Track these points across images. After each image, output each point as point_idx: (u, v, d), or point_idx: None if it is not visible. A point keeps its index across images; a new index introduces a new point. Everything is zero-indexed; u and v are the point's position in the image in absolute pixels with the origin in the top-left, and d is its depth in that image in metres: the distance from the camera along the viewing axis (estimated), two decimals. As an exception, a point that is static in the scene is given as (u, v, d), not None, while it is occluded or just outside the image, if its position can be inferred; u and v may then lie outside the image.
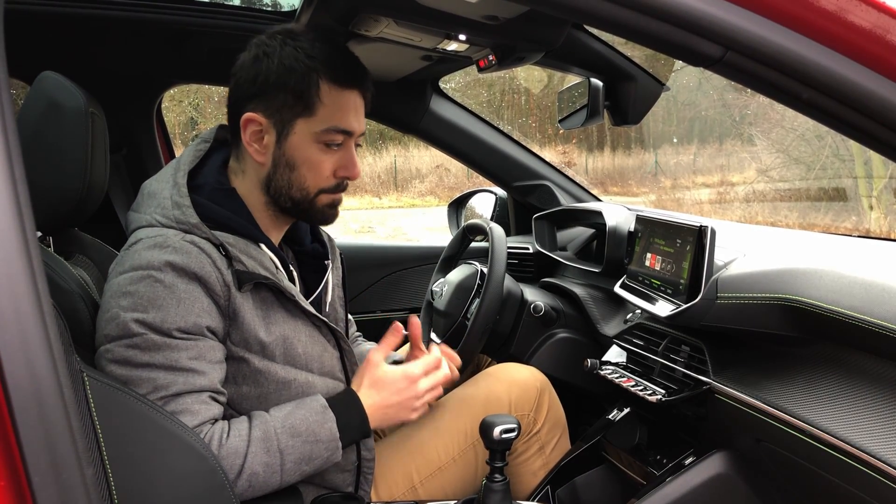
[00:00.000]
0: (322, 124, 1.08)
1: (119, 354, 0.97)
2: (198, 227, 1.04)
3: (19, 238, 0.55)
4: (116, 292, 1.00)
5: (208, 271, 1.01)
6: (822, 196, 10.85)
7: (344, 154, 1.12)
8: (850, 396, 0.97)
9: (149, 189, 1.09)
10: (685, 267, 1.25)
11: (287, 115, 1.07)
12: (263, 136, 1.09)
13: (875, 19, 0.72)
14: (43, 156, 1.02)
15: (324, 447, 1.06)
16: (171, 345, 0.98)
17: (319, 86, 1.07)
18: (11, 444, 0.55)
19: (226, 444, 0.99)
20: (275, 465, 1.02)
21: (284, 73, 1.06)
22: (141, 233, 1.05)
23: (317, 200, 1.13)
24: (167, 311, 0.98)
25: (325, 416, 1.06)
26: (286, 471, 1.03)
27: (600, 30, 1.04)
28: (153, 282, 0.99)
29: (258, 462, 1.00)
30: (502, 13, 1.24)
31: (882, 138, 0.77)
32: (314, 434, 1.05)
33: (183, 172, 1.08)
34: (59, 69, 1.08)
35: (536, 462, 1.43)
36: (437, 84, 2.04)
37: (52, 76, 1.06)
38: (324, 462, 1.07)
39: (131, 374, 0.97)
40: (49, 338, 0.56)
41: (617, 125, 1.78)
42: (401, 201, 16.56)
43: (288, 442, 1.03)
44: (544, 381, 1.45)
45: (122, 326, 0.97)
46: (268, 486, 1.03)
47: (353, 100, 1.11)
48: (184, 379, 0.98)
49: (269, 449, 1.02)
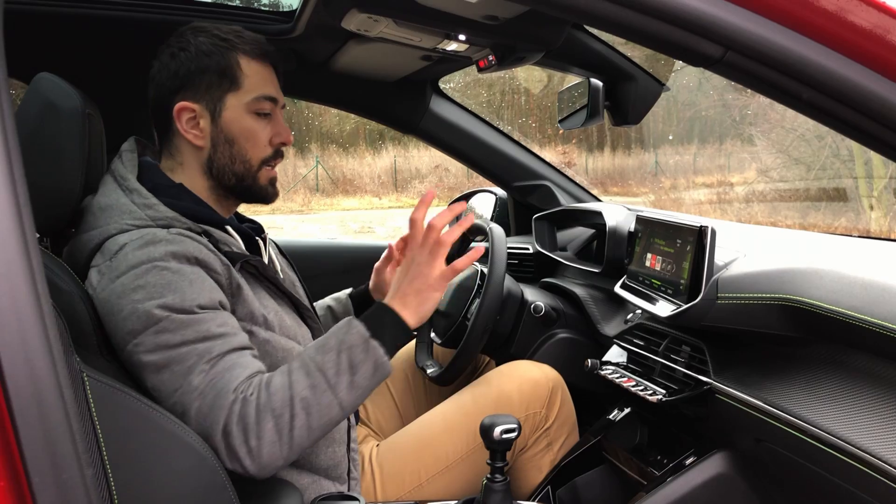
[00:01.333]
0: (250, 94, 1.14)
1: (151, 343, 0.98)
2: (176, 219, 1.07)
3: (19, 238, 0.55)
4: (124, 292, 0.99)
5: (206, 254, 1.05)
6: (822, 196, 10.85)
7: (275, 122, 1.18)
8: (851, 396, 0.97)
9: (98, 205, 1.08)
10: (685, 267, 1.25)
11: (216, 93, 1.13)
12: (199, 121, 1.14)
13: (875, 19, 0.72)
14: (40, 157, 1.02)
15: (360, 350, 1.04)
16: (196, 319, 1.00)
17: (239, 61, 1.13)
18: (11, 444, 0.55)
19: (271, 384, 1.00)
20: (320, 384, 1.01)
21: (203, 57, 1.12)
22: (119, 238, 1.04)
23: (259, 176, 1.18)
24: (183, 292, 1.00)
25: (351, 324, 1.07)
26: (335, 386, 1.02)
27: (600, 30, 1.04)
28: (160, 270, 1.00)
29: (302, 386, 1.00)
30: (502, 13, 1.24)
31: (882, 138, 0.77)
32: (344, 342, 1.04)
33: (132, 180, 1.10)
34: (59, 69, 1.08)
35: (544, 458, 1.44)
36: (436, 84, 2.04)
37: (49, 77, 1.06)
38: (372, 368, 1.04)
39: (170, 355, 0.98)
40: (49, 338, 0.56)
41: (617, 125, 1.78)
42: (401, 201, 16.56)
43: (322, 358, 1.03)
44: (557, 379, 1.46)
45: (146, 316, 0.98)
46: (327, 411, 1.01)
47: (270, 72, 1.18)
48: (221, 342, 1.01)
49: (309, 371, 1.02)
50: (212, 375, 0.99)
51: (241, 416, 0.97)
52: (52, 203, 1.05)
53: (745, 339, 1.24)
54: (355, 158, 18.62)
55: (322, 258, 2.19)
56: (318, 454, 1.18)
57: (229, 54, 1.13)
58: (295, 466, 1.16)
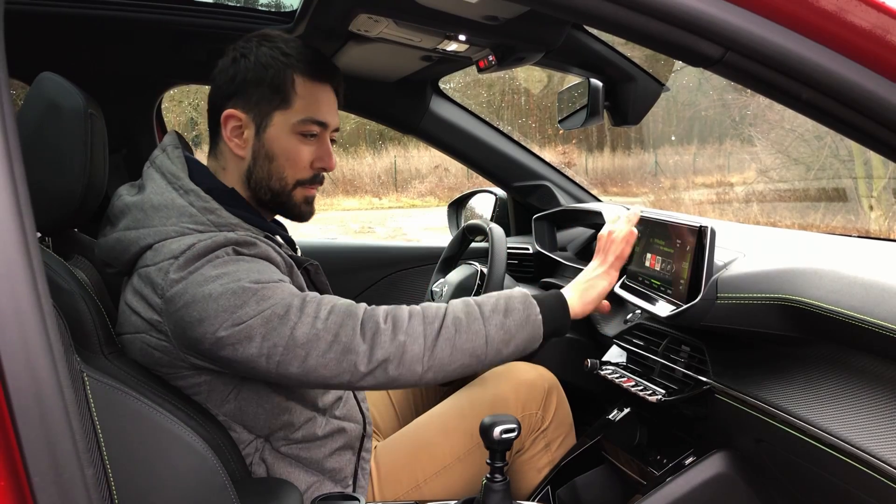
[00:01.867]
0: (298, 115, 1.14)
1: (252, 310, 0.98)
2: (239, 225, 1.09)
3: (19, 238, 0.55)
4: (205, 280, 0.99)
5: (273, 255, 1.08)
6: (821, 196, 10.85)
7: (320, 146, 1.18)
8: (851, 396, 0.97)
9: (150, 203, 1.07)
10: (685, 267, 1.25)
11: (265, 108, 1.13)
12: (243, 131, 1.14)
13: (875, 19, 0.72)
14: (42, 157, 1.02)
15: (518, 301, 1.10)
16: (284, 285, 1.03)
17: (294, 79, 1.13)
18: (11, 444, 0.55)
19: (422, 304, 1.07)
20: (473, 311, 1.07)
21: (261, 69, 1.12)
22: (184, 240, 1.03)
23: (294, 194, 1.18)
24: (264, 272, 1.03)
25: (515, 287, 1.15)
26: (487, 319, 1.07)
27: (600, 30, 1.04)
28: (236, 259, 1.02)
29: (458, 308, 1.07)
30: (502, 13, 1.24)
31: (882, 138, 0.77)
32: (505, 293, 1.12)
33: (187, 180, 1.09)
34: (59, 69, 1.08)
35: (542, 459, 1.44)
36: (436, 84, 2.04)
37: (51, 77, 1.06)
38: (524, 318, 1.09)
39: (273, 308, 0.99)
40: (49, 338, 0.56)
41: (617, 125, 1.78)
42: (401, 202, 16.55)
43: (480, 299, 1.10)
44: (553, 380, 1.46)
45: (241, 291, 0.98)
46: (474, 337, 1.05)
47: (326, 94, 1.17)
48: (315, 294, 1.04)
49: (466, 301, 1.09)
50: (326, 303, 1.02)
51: (392, 314, 1.03)
52: (54, 203, 1.04)
53: (745, 339, 1.24)
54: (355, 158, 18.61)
55: (322, 258, 2.19)
56: (326, 457, 1.18)
57: (286, 71, 1.12)
58: (302, 465, 1.16)
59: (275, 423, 1.13)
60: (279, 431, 1.14)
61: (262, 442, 1.14)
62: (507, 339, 1.08)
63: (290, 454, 1.15)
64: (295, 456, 1.16)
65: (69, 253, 1.18)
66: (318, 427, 1.17)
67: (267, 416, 1.12)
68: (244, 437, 1.12)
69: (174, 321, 1.00)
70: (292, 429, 1.15)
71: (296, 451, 1.16)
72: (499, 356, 1.08)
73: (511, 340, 1.08)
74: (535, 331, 1.10)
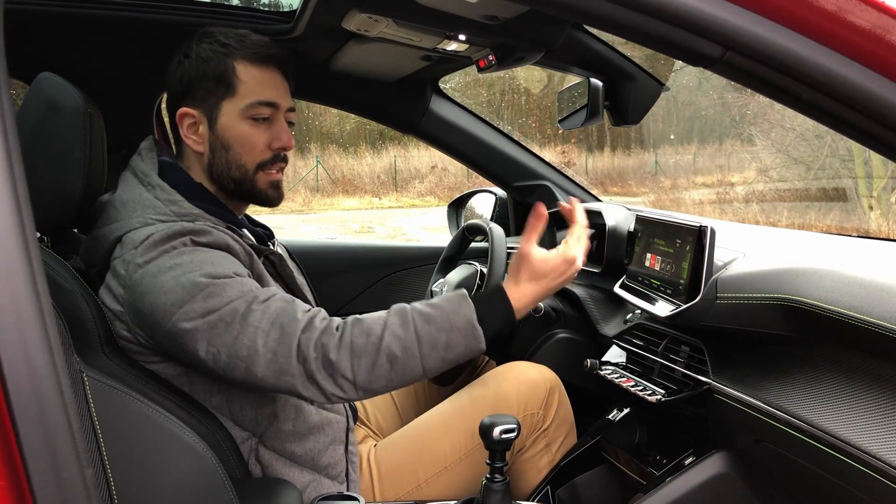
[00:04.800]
0: (245, 100, 1.15)
1: (200, 308, 1.00)
2: (200, 215, 1.11)
3: (19, 238, 0.55)
4: (159, 271, 1.01)
5: (232, 243, 1.09)
6: (821, 196, 10.85)
7: (275, 127, 1.19)
8: (850, 396, 0.97)
9: (119, 200, 1.11)
10: (685, 267, 1.25)
11: (212, 100, 1.16)
12: (198, 127, 1.17)
13: (875, 19, 0.72)
14: (41, 156, 1.02)
15: (461, 335, 1.08)
16: (238, 281, 1.04)
17: (235, 67, 1.15)
18: (11, 444, 0.55)
19: (363, 323, 1.05)
20: (412, 348, 1.04)
21: (203, 64, 1.15)
22: (144, 230, 1.06)
23: (256, 179, 1.19)
24: (218, 264, 1.04)
25: (462, 304, 1.09)
26: (426, 356, 1.05)
27: (600, 30, 1.04)
28: (192, 250, 1.04)
29: (396, 345, 1.03)
30: (502, 13, 1.24)
31: (882, 138, 0.77)
32: (450, 321, 1.07)
33: (154, 176, 1.13)
34: (59, 69, 1.08)
35: (543, 459, 1.44)
36: (437, 84, 2.04)
37: (50, 77, 1.06)
38: (465, 352, 1.09)
39: (221, 313, 1.00)
40: (49, 338, 0.56)
41: (617, 125, 1.78)
42: (400, 201, 16.56)
43: (424, 327, 1.06)
44: (554, 380, 1.46)
45: (191, 285, 1.00)
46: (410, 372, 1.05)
47: (273, 76, 1.18)
48: (264, 292, 1.05)
49: (406, 331, 1.05)
50: (270, 313, 1.02)
51: (321, 342, 1.01)
52: (53, 202, 1.05)
53: (745, 338, 1.24)
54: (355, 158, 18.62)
55: (322, 258, 2.19)
56: (319, 452, 1.19)
57: (226, 60, 1.15)
58: (296, 463, 1.17)
59: (262, 415, 1.14)
60: (269, 426, 1.15)
61: (256, 441, 1.15)
62: (446, 367, 1.09)
63: (285, 452, 1.16)
64: (290, 454, 1.16)
65: (69, 252, 1.18)
66: (306, 418, 1.18)
67: (253, 407, 1.14)
68: (237, 433, 1.13)
69: (132, 310, 1.04)
70: (280, 421, 1.16)
71: (289, 447, 1.16)
72: (433, 374, 1.10)
73: (449, 366, 1.09)
74: (475, 354, 1.11)
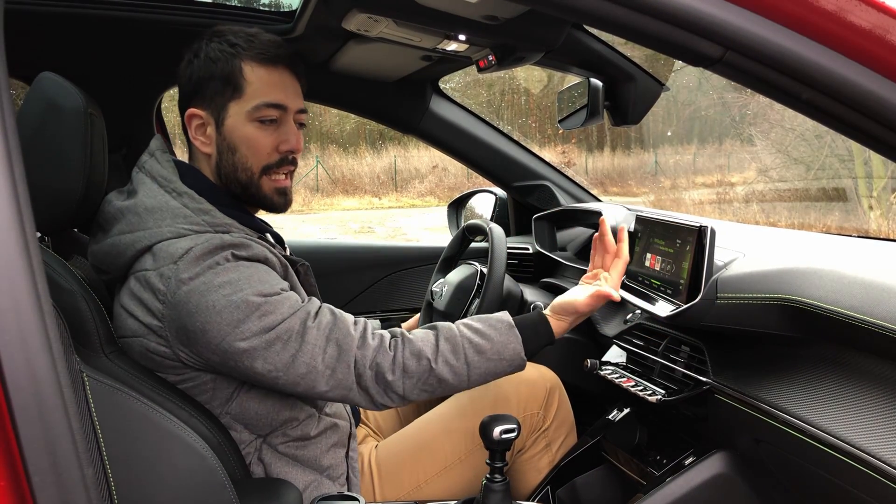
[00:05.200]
0: (252, 102, 1.13)
1: (256, 327, 1.01)
2: (234, 226, 1.10)
3: (19, 238, 0.55)
4: (208, 289, 1.01)
5: (269, 256, 1.09)
6: (821, 196, 10.85)
7: (282, 129, 1.16)
8: (850, 397, 0.97)
9: (143, 206, 1.08)
10: (685, 267, 1.25)
11: (219, 101, 1.14)
12: (206, 128, 1.15)
13: (875, 19, 0.72)
14: (42, 156, 1.02)
15: (507, 364, 1.17)
16: (286, 297, 1.06)
17: (242, 67, 1.13)
18: (11, 444, 0.55)
19: (410, 344, 1.11)
20: (461, 373, 1.13)
21: (210, 64, 1.13)
22: (180, 243, 1.04)
23: (262, 184, 1.17)
24: (265, 281, 1.05)
25: (511, 334, 1.17)
26: (471, 381, 1.14)
27: (600, 30, 1.04)
28: (236, 267, 1.04)
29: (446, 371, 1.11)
30: (502, 13, 1.24)
31: (882, 138, 0.77)
32: (500, 353, 1.15)
33: (178, 182, 1.11)
34: (59, 69, 1.08)
35: (543, 459, 1.44)
36: (436, 84, 2.04)
37: (51, 77, 1.06)
38: (507, 373, 1.18)
39: (277, 332, 1.03)
40: (49, 338, 0.56)
41: (617, 125, 1.78)
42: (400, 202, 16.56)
43: (473, 357, 1.14)
44: (555, 380, 1.46)
45: (245, 305, 1.01)
46: (451, 390, 1.14)
47: (282, 77, 1.16)
48: (309, 304, 1.08)
49: (458, 359, 1.13)
50: (323, 328, 1.06)
51: (376, 361, 1.07)
52: (54, 202, 1.04)
53: (745, 339, 1.24)
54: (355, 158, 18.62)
55: (322, 258, 2.19)
56: (322, 454, 1.19)
57: (233, 61, 1.12)
58: (299, 463, 1.17)
59: (276, 421, 1.14)
60: (279, 429, 1.15)
61: (260, 441, 1.14)
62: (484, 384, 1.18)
63: (288, 453, 1.16)
64: (292, 455, 1.16)
65: (69, 252, 1.18)
66: (315, 424, 1.19)
67: (269, 413, 1.13)
68: (244, 437, 1.13)
69: (177, 327, 1.01)
70: (292, 426, 1.16)
71: (293, 449, 1.16)
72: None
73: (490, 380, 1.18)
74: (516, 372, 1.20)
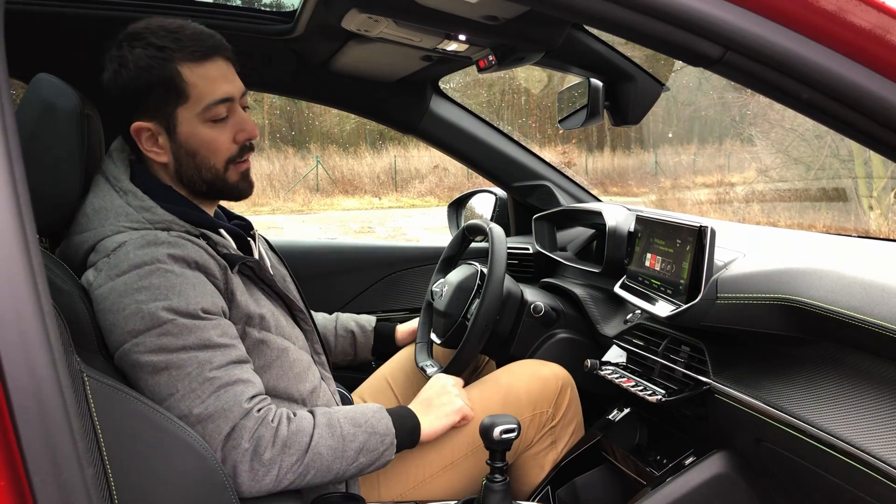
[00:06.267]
0: (200, 104, 1.09)
1: (153, 344, 0.98)
2: (174, 222, 1.08)
3: (19, 239, 0.55)
4: (126, 291, 0.99)
5: (206, 258, 1.05)
6: (821, 196, 10.85)
7: (235, 119, 1.14)
8: (850, 396, 0.97)
9: (91, 206, 1.08)
10: (685, 267, 1.25)
11: (166, 110, 1.09)
12: (157, 138, 1.12)
13: (875, 19, 0.72)
14: (38, 158, 1.02)
15: (379, 439, 1.12)
16: (199, 325, 1.01)
17: (180, 70, 1.07)
18: (11, 444, 0.55)
19: (294, 421, 1.05)
20: (338, 449, 1.07)
21: (143, 73, 1.07)
22: (117, 238, 1.04)
23: (227, 176, 1.15)
24: (188, 296, 1.01)
25: (381, 413, 1.16)
26: (346, 458, 1.08)
27: (600, 30, 1.04)
28: (163, 272, 1.01)
29: (323, 444, 1.06)
30: (502, 13, 1.24)
31: (882, 138, 0.77)
32: (372, 426, 1.12)
33: (126, 181, 1.10)
34: (59, 69, 1.08)
35: (548, 456, 1.44)
36: (437, 84, 2.04)
37: (47, 78, 1.06)
38: (378, 457, 1.13)
39: (169, 359, 0.98)
40: (49, 338, 0.56)
41: (617, 125, 1.78)
42: (400, 202, 16.56)
43: (349, 430, 1.10)
44: (567, 378, 1.47)
45: (150, 317, 0.98)
46: (328, 472, 1.07)
47: (220, 68, 1.11)
48: (221, 353, 1.02)
49: (333, 433, 1.08)
50: (215, 385, 0.99)
51: (257, 435, 1.00)
52: (51, 203, 1.04)
53: (745, 339, 1.24)
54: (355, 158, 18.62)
55: (322, 258, 2.19)
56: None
57: (168, 66, 1.07)
58: None
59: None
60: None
61: None
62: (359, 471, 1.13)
63: None
64: None
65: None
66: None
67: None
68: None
69: (97, 318, 1.02)
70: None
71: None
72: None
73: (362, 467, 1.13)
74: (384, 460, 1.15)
